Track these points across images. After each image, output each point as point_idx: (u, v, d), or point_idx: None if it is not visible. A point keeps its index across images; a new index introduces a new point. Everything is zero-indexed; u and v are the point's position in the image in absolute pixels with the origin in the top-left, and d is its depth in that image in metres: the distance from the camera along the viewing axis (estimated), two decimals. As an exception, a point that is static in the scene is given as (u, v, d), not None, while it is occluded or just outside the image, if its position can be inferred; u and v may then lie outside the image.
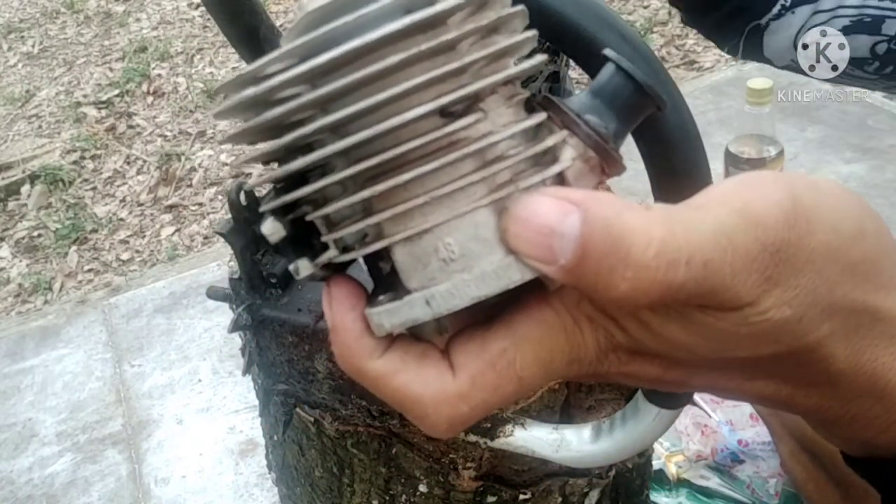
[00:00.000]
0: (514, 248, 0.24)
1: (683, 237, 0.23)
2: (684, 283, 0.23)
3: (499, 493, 0.57)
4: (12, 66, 3.14)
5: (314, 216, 0.26)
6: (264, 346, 0.61)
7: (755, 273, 0.23)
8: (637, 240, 0.22)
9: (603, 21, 0.33)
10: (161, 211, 2.27)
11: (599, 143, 0.25)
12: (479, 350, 0.25)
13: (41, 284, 2.03)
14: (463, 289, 0.24)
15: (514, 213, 0.24)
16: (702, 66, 2.37)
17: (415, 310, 0.25)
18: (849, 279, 0.25)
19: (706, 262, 0.23)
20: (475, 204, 0.24)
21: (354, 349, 0.26)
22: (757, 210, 0.24)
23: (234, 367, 1.47)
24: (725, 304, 0.24)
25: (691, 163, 0.33)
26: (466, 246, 0.24)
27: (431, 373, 0.25)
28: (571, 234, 0.23)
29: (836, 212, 0.25)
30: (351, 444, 0.60)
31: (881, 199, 1.47)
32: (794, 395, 0.28)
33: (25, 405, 1.50)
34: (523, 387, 0.25)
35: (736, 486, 1.00)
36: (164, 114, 2.69)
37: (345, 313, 0.26)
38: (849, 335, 0.26)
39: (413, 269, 0.25)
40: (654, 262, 0.22)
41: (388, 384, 0.26)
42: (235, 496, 1.27)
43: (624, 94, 0.26)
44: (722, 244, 0.23)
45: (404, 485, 0.59)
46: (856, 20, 0.59)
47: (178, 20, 3.27)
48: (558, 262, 0.23)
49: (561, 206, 0.23)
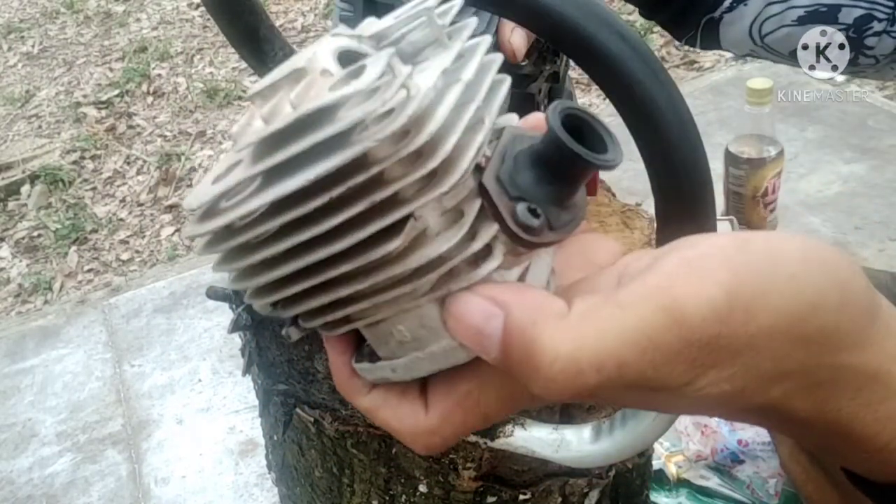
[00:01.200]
0: (453, 337, 0.27)
1: (594, 347, 0.24)
2: (598, 384, 0.24)
3: (499, 493, 0.57)
4: (12, 66, 3.14)
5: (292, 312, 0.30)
6: (264, 346, 0.61)
7: (681, 364, 0.24)
8: (544, 356, 0.24)
9: (603, 21, 0.33)
10: (161, 211, 2.27)
11: (526, 241, 0.26)
12: (448, 390, 0.29)
13: (41, 284, 2.03)
14: (419, 364, 0.28)
15: (450, 311, 0.27)
16: (702, 66, 2.37)
17: (385, 373, 0.29)
18: (801, 349, 0.25)
19: (620, 366, 0.24)
20: (416, 303, 0.27)
21: (346, 387, 0.32)
22: (685, 308, 0.24)
23: (234, 367, 1.47)
24: (657, 388, 0.25)
25: (690, 163, 0.33)
26: (416, 332, 0.28)
27: (407, 410, 0.30)
28: (494, 337, 0.25)
29: (785, 293, 0.24)
30: (351, 444, 0.60)
31: (881, 200, 1.47)
32: (769, 426, 0.29)
33: (25, 405, 1.50)
34: (489, 420, 0.29)
35: (736, 486, 1.00)
36: (164, 114, 2.69)
37: (337, 357, 0.32)
38: (808, 391, 0.26)
39: (378, 344, 0.30)
40: (559, 375, 0.24)
41: (375, 416, 0.31)
42: (235, 496, 1.27)
43: (563, 164, 0.26)
44: (641, 345, 0.24)
45: (404, 485, 0.59)
46: (811, 10, 0.59)
47: (178, 20, 3.27)
48: (490, 356, 0.26)
49: (487, 308, 0.26)
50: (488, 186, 0.26)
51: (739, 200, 1.36)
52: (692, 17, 0.63)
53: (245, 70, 2.73)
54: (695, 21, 0.63)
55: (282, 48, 0.70)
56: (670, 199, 0.34)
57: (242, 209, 0.26)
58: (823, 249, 0.26)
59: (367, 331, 0.30)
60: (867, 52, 0.59)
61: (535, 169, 0.26)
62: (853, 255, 1.39)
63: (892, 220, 1.42)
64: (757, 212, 1.37)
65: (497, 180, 0.26)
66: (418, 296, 0.27)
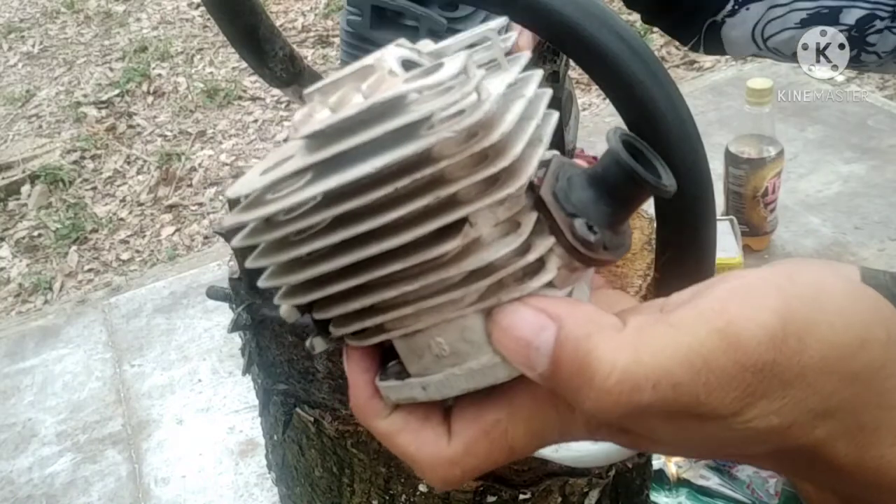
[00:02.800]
0: (497, 351, 0.26)
1: (651, 363, 0.23)
2: (651, 403, 0.24)
3: (499, 493, 0.57)
4: (12, 66, 3.14)
5: (326, 315, 0.28)
6: (264, 346, 0.61)
7: (734, 391, 0.24)
8: (600, 367, 0.24)
9: (602, 21, 0.33)
10: (161, 211, 2.27)
11: (584, 256, 0.26)
12: (475, 418, 0.27)
13: (41, 284, 2.03)
14: (454, 381, 0.27)
15: (497, 322, 0.26)
16: (702, 66, 2.37)
17: (414, 392, 0.28)
18: (848, 386, 0.24)
19: (675, 385, 0.23)
20: (461, 312, 0.26)
21: (365, 408, 0.29)
22: (739, 332, 0.23)
23: (234, 367, 1.47)
24: (706, 416, 0.24)
25: (690, 163, 0.33)
26: (456, 345, 0.27)
27: (429, 436, 0.28)
28: (545, 350, 0.24)
29: (835, 326, 0.24)
30: (351, 444, 0.60)
31: (881, 200, 1.47)
32: (797, 474, 0.28)
33: (25, 405, 1.50)
34: (514, 454, 0.27)
35: (736, 486, 1.00)
36: (164, 114, 2.69)
37: (358, 375, 0.29)
38: (851, 434, 0.25)
39: (411, 358, 0.28)
40: (615, 388, 0.23)
41: (392, 441, 0.29)
42: (235, 496, 1.27)
43: (622, 186, 0.26)
44: (696, 366, 0.23)
45: (404, 485, 0.59)
46: (813, 12, 0.59)
47: (178, 20, 3.27)
48: (536, 371, 0.25)
49: (539, 319, 0.25)
50: (546, 200, 0.26)
51: (739, 200, 1.36)
52: (694, 22, 0.63)
53: (245, 70, 2.73)
54: (697, 26, 0.63)
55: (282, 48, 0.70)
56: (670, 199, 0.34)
57: (294, 198, 0.25)
58: (867, 288, 0.26)
59: (402, 342, 0.28)
60: (869, 48, 0.59)
61: (592, 189, 0.26)
62: (853, 255, 1.39)
63: (892, 220, 1.42)
64: (757, 212, 1.37)
65: (554, 196, 0.26)
66: (465, 305, 0.26)
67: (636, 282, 0.60)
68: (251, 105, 2.65)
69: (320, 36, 2.94)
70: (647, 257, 0.62)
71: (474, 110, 0.24)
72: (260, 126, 2.53)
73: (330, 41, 2.89)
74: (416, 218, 0.25)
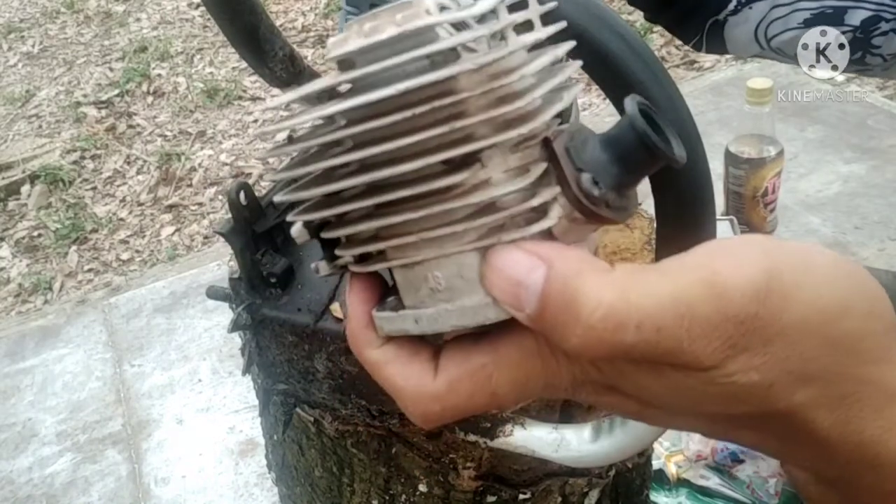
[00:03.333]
0: (489, 291, 0.27)
1: (636, 302, 0.24)
2: (634, 344, 0.24)
3: (499, 493, 0.57)
4: (12, 66, 3.14)
5: (334, 234, 0.29)
6: (264, 346, 0.61)
7: (716, 340, 0.24)
8: (587, 303, 0.24)
9: (603, 21, 0.33)
10: (161, 211, 2.27)
11: (586, 207, 0.26)
12: (462, 360, 0.28)
13: (41, 284, 2.03)
14: (445, 317, 0.28)
15: (491, 262, 0.26)
16: (702, 66, 2.37)
17: (406, 324, 0.29)
18: (828, 353, 0.25)
19: (659, 328, 0.24)
20: (461, 248, 0.27)
21: (359, 337, 0.30)
22: (725, 282, 0.24)
23: (234, 367, 1.47)
24: (688, 365, 0.24)
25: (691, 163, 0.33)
26: (452, 281, 0.27)
27: (416, 370, 0.29)
28: (535, 288, 0.25)
29: (819, 290, 0.25)
30: (351, 444, 0.60)
31: (881, 200, 1.47)
32: (782, 450, 0.28)
33: (25, 405, 1.50)
34: (496, 401, 0.28)
35: (736, 485, 1.00)
36: (164, 114, 2.69)
37: (357, 305, 0.30)
38: (831, 404, 0.25)
39: (407, 290, 0.29)
40: (600, 324, 0.24)
41: (380, 372, 0.30)
42: (235, 496, 1.27)
43: (634, 151, 0.26)
44: (680, 311, 0.24)
45: (404, 485, 0.59)
46: (817, 13, 0.59)
47: (178, 20, 3.27)
48: (524, 311, 0.25)
49: (530, 260, 0.25)
50: (557, 152, 0.27)
51: (739, 200, 1.36)
52: (696, 20, 0.63)
53: (245, 70, 2.73)
54: (699, 24, 0.63)
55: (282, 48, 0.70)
56: (670, 199, 0.34)
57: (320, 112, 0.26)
58: (853, 263, 0.26)
59: (402, 273, 0.29)
60: (874, 51, 0.59)
61: (605, 151, 0.27)
62: (853, 254, 1.39)
63: (892, 220, 1.42)
64: (757, 212, 1.37)
65: (566, 150, 0.27)
66: (466, 241, 0.27)
67: (636, 282, 0.60)
68: (251, 105, 2.65)
69: (320, 36, 2.94)
70: (646, 257, 0.62)
71: (498, 49, 0.25)
72: (260, 126, 2.53)
73: (330, 41, 2.89)
74: (432, 147, 0.26)
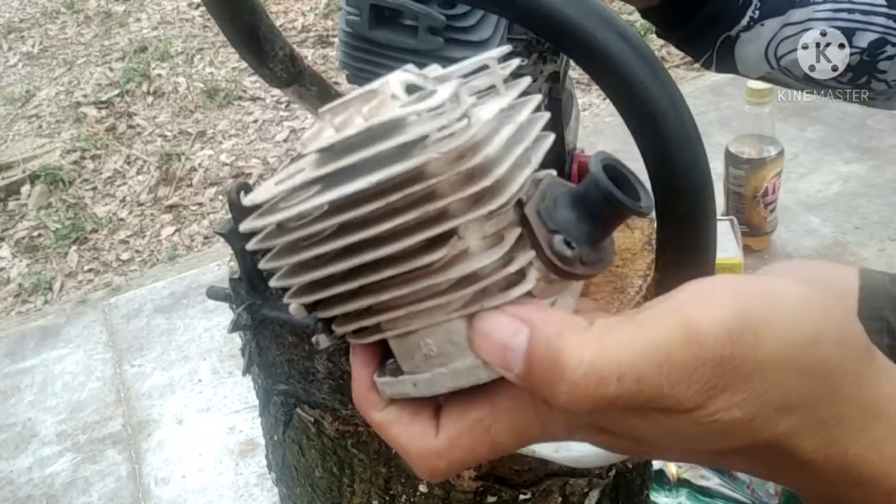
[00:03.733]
0: (478, 355, 0.28)
1: (615, 357, 0.25)
2: (618, 395, 0.25)
3: (499, 493, 0.57)
4: (12, 66, 3.14)
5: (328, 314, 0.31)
6: (264, 346, 0.61)
7: (696, 383, 0.25)
8: (570, 362, 0.26)
9: (603, 21, 0.33)
10: (161, 211, 2.27)
11: (560, 269, 0.28)
12: (461, 416, 0.30)
13: (41, 284, 2.03)
14: (441, 380, 0.29)
15: (477, 329, 0.28)
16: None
17: (405, 388, 0.30)
18: (804, 381, 0.26)
19: (640, 378, 0.25)
20: (448, 316, 0.29)
21: (363, 400, 0.32)
22: (699, 327, 0.25)
23: (234, 367, 1.47)
24: (672, 409, 0.26)
25: (690, 163, 0.33)
26: (443, 347, 0.29)
27: (418, 429, 0.30)
28: (520, 351, 0.27)
29: (789, 324, 0.26)
30: (351, 444, 0.60)
31: (881, 200, 1.47)
32: (773, 474, 0.29)
33: (25, 405, 1.50)
34: (497, 450, 0.29)
35: (736, 486, 1.00)
36: (164, 114, 2.69)
37: (360, 370, 0.32)
38: (813, 429, 0.26)
39: (403, 357, 0.31)
40: (583, 380, 0.25)
41: (386, 432, 0.32)
42: (235, 496, 1.27)
43: (601, 207, 0.28)
44: (658, 360, 0.25)
45: (404, 485, 0.59)
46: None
47: (178, 20, 3.27)
48: (513, 372, 0.27)
49: (513, 324, 0.27)
50: (529, 217, 0.28)
51: (739, 200, 1.36)
52: (708, 35, 0.63)
53: (245, 70, 2.73)
54: (710, 41, 0.63)
55: (282, 48, 0.70)
56: (670, 199, 0.34)
57: (303, 207, 0.28)
58: (820, 293, 0.27)
59: (396, 342, 0.31)
60: (879, 76, 0.58)
61: (574, 209, 0.29)
62: (853, 255, 1.39)
63: (892, 220, 1.42)
64: (757, 212, 1.37)
65: (538, 214, 0.29)
66: (451, 310, 0.29)
67: (636, 282, 0.60)
68: (251, 105, 2.65)
69: (320, 36, 2.94)
70: (647, 257, 0.62)
71: (462, 134, 0.26)
72: (260, 126, 2.53)
73: (330, 41, 2.89)
74: (409, 229, 0.28)
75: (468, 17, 0.64)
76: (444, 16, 0.62)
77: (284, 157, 2.35)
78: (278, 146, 2.41)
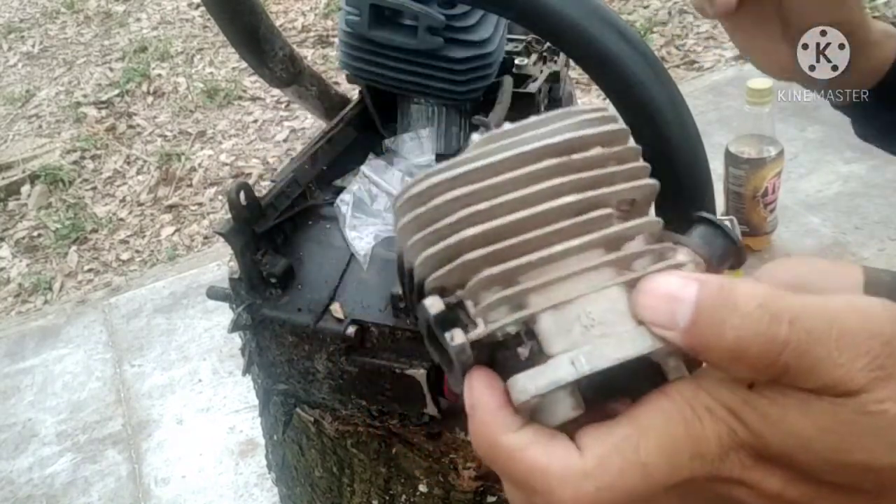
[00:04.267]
0: (642, 317, 0.27)
1: (788, 300, 0.25)
2: (787, 341, 0.24)
3: (499, 493, 0.57)
4: (12, 66, 3.14)
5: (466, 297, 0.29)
6: (264, 346, 0.61)
7: (863, 356, 0.24)
8: (744, 294, 0.25)
9: (603, 21, 0.33)
10: (161, 211, 2.27)
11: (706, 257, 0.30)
12: (605, 435, 0.27)
13: (41, 284, 2.03)
14: (604, 350, 0.27)
15: (644, 287, 0.28)
16: (702, 66, 2.37)
17: (560, 371, 0.27)
18: None
19: (810, 329, 0.24)
20: (612, 281, 0.28)
21: (491, 423, 0.28)
22: (865, 306, 0.25)
23: (234, 367, 1.47)
24: (837, 385, 0.24)
25: (690, 163, 0.33)
26: (604, 316, 0.28)
27: (560, 449, 0.27)
28: (689, 299, 0.26)
29: None
30: (351, 444, 0.60)
31: (881, 200, 1.47)
32: None
33: (25, 405, 1.50)
34: (647, 475, 0.26)
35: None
36: (164, 114, 2.69)
37: (483, 390, 0.28)
38: None
39: (557, 335, 0.28)
40: (757, 311, 0.25)
41: (521, 457, 0.27)
42: (235, 496, 1.27)
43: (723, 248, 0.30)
44: (827, 319, 0.25)
45: (404, 485, 0.59)
46: None
47: (178, 20, 3.27)
48: (678, 326, 0.26)
49: (683, 278, 0.27)
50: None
51: (739, 200, 1.36)
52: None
53: (245, 70, 2.73)
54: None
55: (282, 48, 0.70)
56: (670, 198, 0.34)
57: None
58: None
59: (551, 317, 0.28)
60: None
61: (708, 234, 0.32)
62: (853, 255, 1.39)
63: (892, 220, 1.42)
64: (757, 212, 1.37)
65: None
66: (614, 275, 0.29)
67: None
68: (251, 105, 2.65)
69: (320, 36, 2.94)
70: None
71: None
72: (260, 126, 2.53)
73: (330, 41, 2.89)
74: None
75: (468, 16, 0.64)
76: (444, 16, 0.62)
77: (284, 157, 2.35)
78: (278, 146, 2.41)
